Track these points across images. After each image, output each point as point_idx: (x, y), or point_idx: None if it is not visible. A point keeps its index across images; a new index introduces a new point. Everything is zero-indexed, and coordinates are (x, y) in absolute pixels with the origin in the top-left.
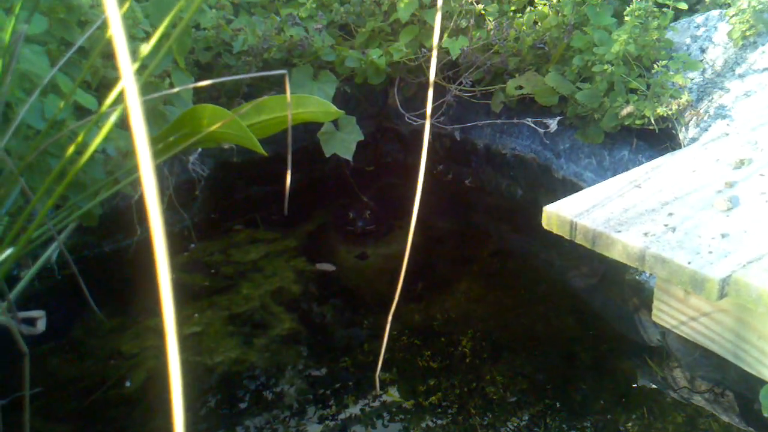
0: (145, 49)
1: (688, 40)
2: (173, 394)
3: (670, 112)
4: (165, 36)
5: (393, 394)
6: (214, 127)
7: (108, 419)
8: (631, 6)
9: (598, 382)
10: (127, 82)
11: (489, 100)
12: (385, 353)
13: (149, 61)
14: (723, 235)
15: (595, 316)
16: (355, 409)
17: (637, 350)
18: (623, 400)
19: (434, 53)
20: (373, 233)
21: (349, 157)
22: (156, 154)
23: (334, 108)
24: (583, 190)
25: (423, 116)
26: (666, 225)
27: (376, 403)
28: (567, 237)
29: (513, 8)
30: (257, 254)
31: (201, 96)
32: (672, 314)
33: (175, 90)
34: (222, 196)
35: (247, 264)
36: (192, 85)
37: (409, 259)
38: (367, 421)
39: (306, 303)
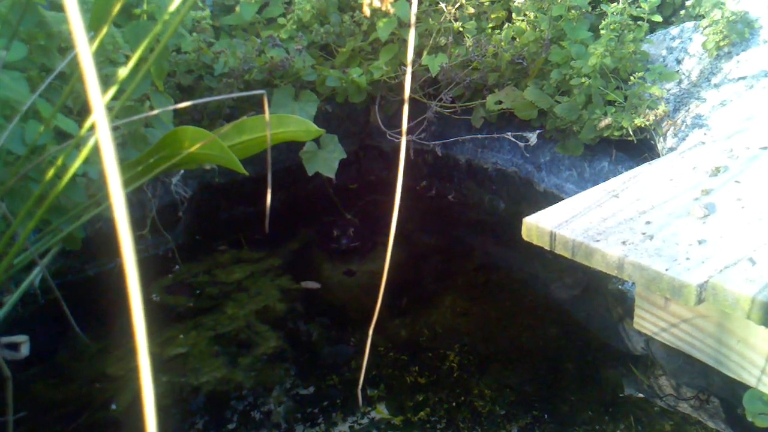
0: (123, 73)
1: (664, 52)
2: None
3: (647, 123)
4: (143, 60)
5: (381, 411)
6: (194, 148)
7: None
8: (606, 20)
9: (585, 392)
10: (98, 112)
11: (469, 115)
12: (372, 369)
13: (128, 85)
14: (700, 242)
15: (579, 327)
16: (343, 427)
17: (623, 359)
18: (610, 409)
19: (408, 70)
20: (358, 250)
21: (331, 175)
22: (137, 176)
23: (314, 127)
24: (562, 201)
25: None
26: (644, 233)
27: (365, 420)
28: (547, 248)
29: (491, 25)
30: (242, 274)
31: (183, 118)
32: (653, 321)
33: (155, 112)
34: (206, 217)
35: (232, 284)
36: (172, 107)
37: (394, 275)
38: None
39: (292, 321)
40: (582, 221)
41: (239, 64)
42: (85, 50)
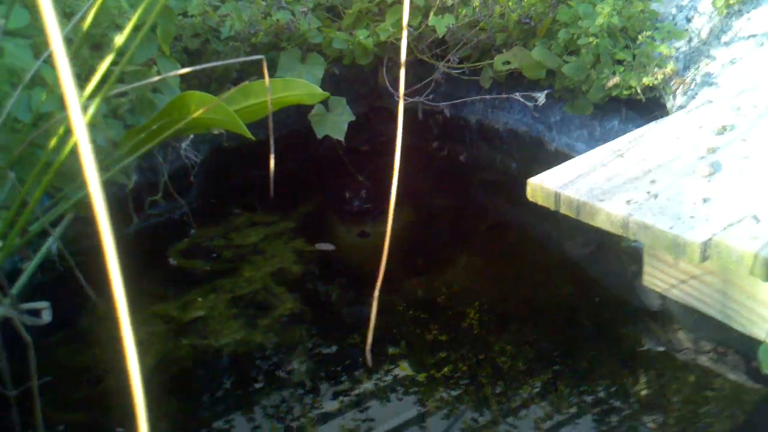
0: (120, 39)
1: (673, 10)
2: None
3: (656, 82)
4: (146, 23)
5: (405, 368)
6: (199, 113)
7: (119, 405)
8: None
9: (603, 347)
10: (69, 93)
11: (478, 76)
12: (392, 328)
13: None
14: (704, 200)
15: (594, 284)
16: (368, 384)
17: (639, 315)
18: (630, 363)
19: (404, 33)
20: (370, 212)
21: (341, 137)
22: (144, 141)
23: (319, 90)
24: (567, 162)
25: (413, 95)
26: (648, 192)
27: (389, 378)
28: (552, 208)
29: None
30: (257, 237)
31: (191, 83)
32: (662, 278)
33: (158, 78)
34: (219, 181)
35: (248, 247)
36: (177, 72)
37: (408, 235)
38: (382, 395)
39: (309, 282)
40: (587, 181)
41: (245, 27)
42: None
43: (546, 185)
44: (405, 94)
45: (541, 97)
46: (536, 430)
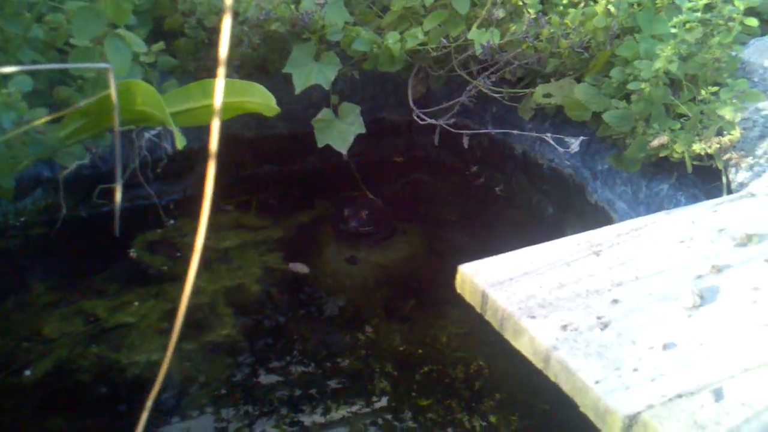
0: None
1: (766, 62)
2: None
3: (708, 150)
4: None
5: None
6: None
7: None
8: (679, 16)
9: None
10: None
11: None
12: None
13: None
14: (665, 346)
15: None
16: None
17: None
18: None
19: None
20: (369, 236)
21: (343, 150)
22: (86, 127)
23: (274, 104)
24: (524, 249)
25: (435, 115)
26: (599, 318)
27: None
28: (478, 310)
29: (564, 1)
30: (233, 242)
31: (200, 64)
32: None
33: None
34: (227, 171)
35: (218, 252)
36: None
37: (409, 269)
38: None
39: (260, 309)
40: (531, 283)
41: (258, 12)
42: None
43: (477, 279)
44: (426, 114)
45: (574, 145)
46: None
